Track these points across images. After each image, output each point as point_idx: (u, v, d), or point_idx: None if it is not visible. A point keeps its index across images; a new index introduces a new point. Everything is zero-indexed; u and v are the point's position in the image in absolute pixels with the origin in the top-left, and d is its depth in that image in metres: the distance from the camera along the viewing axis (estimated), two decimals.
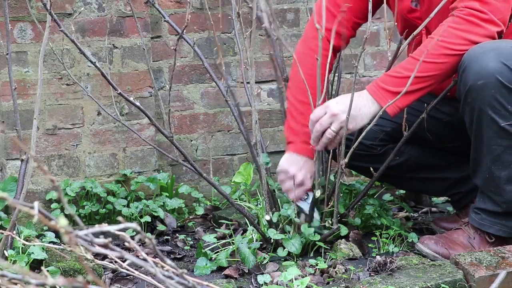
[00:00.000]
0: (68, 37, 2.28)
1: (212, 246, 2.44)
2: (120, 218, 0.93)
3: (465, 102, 2.23)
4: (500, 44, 2.20)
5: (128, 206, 2.75)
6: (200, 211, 2.89)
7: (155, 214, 2.74)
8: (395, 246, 2.47)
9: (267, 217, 2.41)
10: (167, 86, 2.96)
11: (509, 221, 2.30)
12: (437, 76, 2.23)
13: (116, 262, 1.29)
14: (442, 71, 2.22)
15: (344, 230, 2.43)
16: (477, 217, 2.34)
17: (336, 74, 2.75)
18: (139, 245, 2.47)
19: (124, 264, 1.21)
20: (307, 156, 2.43)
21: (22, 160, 2.32)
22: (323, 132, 2.26)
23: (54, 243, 2.44)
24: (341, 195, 2.59)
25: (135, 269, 1.26)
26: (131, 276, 2.25)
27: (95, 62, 2.28)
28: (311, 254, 2.40)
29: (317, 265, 2.29)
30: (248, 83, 2.62)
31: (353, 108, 2.23)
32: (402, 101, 2.21)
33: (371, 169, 2.46)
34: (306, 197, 2.44)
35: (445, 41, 2.21)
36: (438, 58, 2.21)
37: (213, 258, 2.37)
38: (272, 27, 2.56)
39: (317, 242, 2.39)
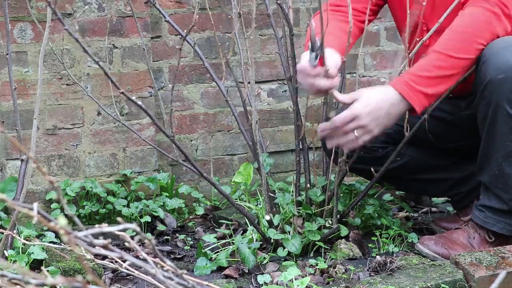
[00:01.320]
0: (72, 36, 2.27)
1: (212, 246, 2.44)
2: (119, 219, 0.93)
3: (482, 95, 2.21)
4: None
5: (128, 206, 2.75)
6: (200, 211, 2.89)
7: (155, 214, 2.74)
8: (395, 246, 2.47)
9: (267, 217, 2.41)
10: (167, 86, 2.97)
11: None
12: (466, 69, 2.21)
13: (116, 262, 1.29)
14: (472, 64, 2.21)
15: (344, 231, 2.43)
16: (481, 215, 2.33)
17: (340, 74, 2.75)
18: (139, 245, 2.47)
19: (125, 264, 1.21)
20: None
21: (22, 160, 2.32)
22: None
23: (54, 243, 2.44)
24: (341, 195, 2.59)
25: (135, 269, 1.26)
26: (131, 276, 2.25)
27: (98, 62, 2.28)
28: (311, 254, 2.40)
29: (317, 265, 2.29)
30: (248, 83, 2.62)
31: (383, 115, 2.13)
32: (432, 100, 2.18)
33: (372, 169, 2.45)
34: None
35: (477, 35, 2.18)
36: (469, 53, 2.18)
37: (213, 258, 2.37)
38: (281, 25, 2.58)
39: (317, 242, 2.39)
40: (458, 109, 2.46)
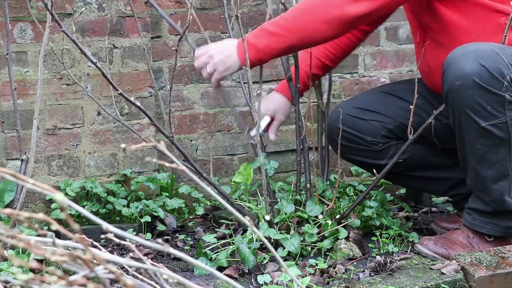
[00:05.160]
0: (69, 38, 2.28)
1: (212, 246, 2.44)
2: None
3: (447, 103, 2.25)
4: (482, 46, 2.21)
5: (128, 206, 2.75)
6: (200, 211, 2.89)
7: (155, 214, 2.74)
8: (395, 246, 2.47)
9: (267, 217, 2.41)
10: (167, 86, 2.96)
11: (500, 220, 2.31)
12: (297, 40, 2.27)
13: (123, 268, 1.28)
14: (303, 40, 2.28)
15: (343, 233, 2.43)
16: (469, 217, 2.36)
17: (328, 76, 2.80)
18: (139, 245, 2.47)
19: (131, 270, 1.21)
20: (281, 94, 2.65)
21: (22, 160, 2.33)
22: (202, 68, 2.37)
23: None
24: (338, 195, 2.59)
25: (135, 270, 1.25)
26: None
27: (96, 63, 2.28)
28: (311, 254, 2.40)
29: (317, 265, 2.29)
30: (245, 83, 2.63)
31: (226, 54, 2.30)
32: (256, 53, 2.26)
33: (374, 171, 2.46)
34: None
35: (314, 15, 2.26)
36: (299, 27, 2.27)
37: (213, 258, 2.37)
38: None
39: (318, 243, 2.39)
40: None
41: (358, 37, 2.71)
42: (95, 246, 1.33)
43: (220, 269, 2.31)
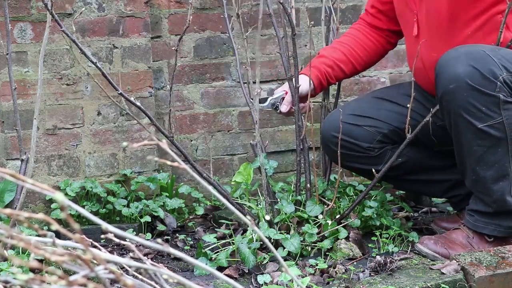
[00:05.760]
0: (69, 37, 2.28)
1: (212, 246, 2.44)
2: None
3: (441, 106, 2.26)
4: (473, 48, 2.22)
5: (128, 206, 2.75)
6: (200, 211, 2.89)
7: (155, 214, 2.74)
8: (395, 246, 2.47)
9: (268, 217, 2.41)
10: (167, 86, 2.96)
11: (502, 220, 2.31)
12: None
13: (122, 268, 1.29)
14: None
15: (343, 233, 2.43)
16: (471, 219, 2.36)
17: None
18: (139, 245, 2.47)
19: (131, 270, 1.21)
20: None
21: (22, 160, 2.33)
22: None
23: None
24: (338, 195, 2.59)
25: (135, 270, 1.25)
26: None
27: (96, 63, 2.28)
28: (311, 254, 2.40)
29: (317, 265, 2.29)
30: (245, 83, 2.63)
31: None
32: None
33: (373, 170, 2.46)
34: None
35: None
36: None
37: (213, 258, 2.37)
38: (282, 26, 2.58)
39: (318, 244, 2.39)
40: None
41: (385, 47, 2.71)
42: (95, 246, 1.33)
43: (220, 269, 2.31)
